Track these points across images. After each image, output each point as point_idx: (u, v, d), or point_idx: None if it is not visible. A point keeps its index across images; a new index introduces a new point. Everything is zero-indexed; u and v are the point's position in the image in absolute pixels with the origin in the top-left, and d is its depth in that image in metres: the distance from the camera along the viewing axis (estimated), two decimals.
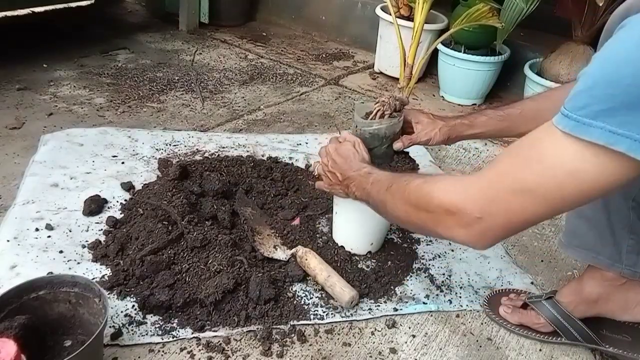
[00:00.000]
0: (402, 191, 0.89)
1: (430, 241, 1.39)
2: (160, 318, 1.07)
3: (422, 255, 1.33)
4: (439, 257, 1.34)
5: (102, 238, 1.25)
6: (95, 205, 1.33)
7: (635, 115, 0.61)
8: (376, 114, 1.14)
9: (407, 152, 1.22)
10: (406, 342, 1.10)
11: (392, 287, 1.21)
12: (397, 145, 1.16)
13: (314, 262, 1.18)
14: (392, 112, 1.14)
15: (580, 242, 1.05)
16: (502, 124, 1.15)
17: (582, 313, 1.09)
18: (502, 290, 1.24)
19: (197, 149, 1.66)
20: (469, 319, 1.18)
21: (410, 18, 2.25)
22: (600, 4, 1.77)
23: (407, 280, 1.25)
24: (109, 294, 1.10)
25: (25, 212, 1.30)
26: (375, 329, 1.12)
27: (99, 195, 1.37)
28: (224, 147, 1.69)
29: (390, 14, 2.27)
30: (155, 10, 2.96)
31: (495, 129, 1.17)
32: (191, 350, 1.02)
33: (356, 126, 1.15)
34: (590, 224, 1.02)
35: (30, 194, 1.37)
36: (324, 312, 1.13)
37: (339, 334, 1.10)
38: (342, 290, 1.13)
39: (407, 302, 1.18)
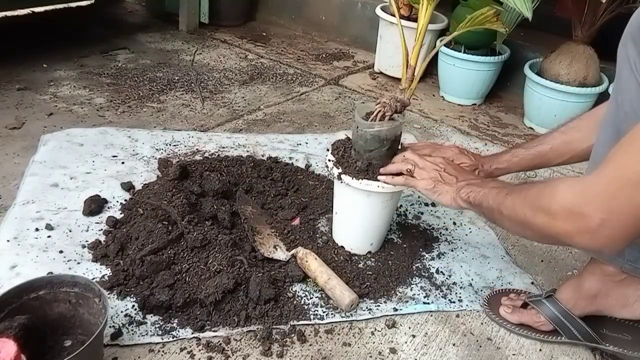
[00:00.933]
0: (523, 195, 0.88)
1: (429, 240, 1.39)
2: (160, 318, 1.07)
3: (422, 255, 1.33)
4: (439, 257, 1.34)
5: (102, 238, 1.25)
6: (95, 205, 1.33)
7: None
8: (377, 115, 1.14)
9: (406, 148, 1.22)
10: (406, 342, 1.10)
11: (392, 287, 1.21)
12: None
13: (314, 265, 1.18)
14: (392, 113, 1.14)
15: None
16: (534, 162, 1.19)
17: (581, 309, 1.09)
18: (502, 290, 1.24)
19: (197, 149, 1.66)
20: (469, 319, 1.18)
21: (410, 18, 2.25)
22: (603, 1, 1.77)
23: (407, 280, 1.24)
24: (109, 294, 1.10)
25: (25, 212, 1.30)
26: (375, 329, 1.12)
27: (99, 195, 1.37)
28: (224, 147, 1.69)
29: (390, 14, 2.28)
30: (155, 10, 2.96)
31: (529, 167, 1.21)
32: (191, 350, 1.02)
33: (357, 127, 1.15)
34: None
35: (30, 194, 1.37)
36: (324, 312, 1.13)
37: (339, 334, 1.10)
38: (342, 293, 1.13)
39: (407, 302, 1.18)
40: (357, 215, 1.23)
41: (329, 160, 1.21)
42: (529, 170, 1.24)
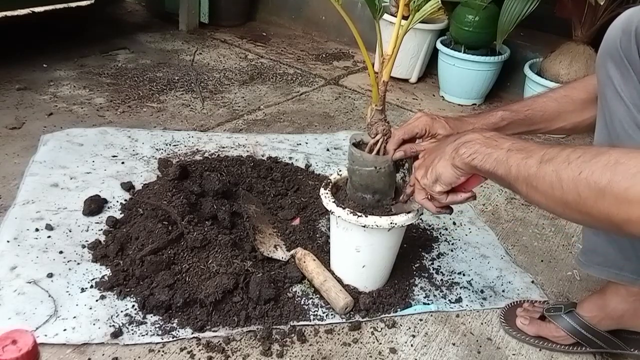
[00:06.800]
0: (577, 168, 0.67)
1: (429, 240, 1.39)
2: (160, 318, 1.07)
3: (422, 255, 1.33)
4: (439, 257, 1.34)
5: (102, 238, 1.25)
6: (95, 205, 1.33)
7: None
8: (379, 147, 1.07)
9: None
10: (406, 342, 1.10)
11: (392, 287, 1.21)
12: (397, 155, 1.06)
13: (311, 266, 1.18)
14: (387, 140, 1.07)
15: (601, 259, 1.01)
16: (522, 128, 1.09)
17: (606, 327, 1.06)
18: (516, 302, 1.21)
19: (197, 149, 1.66)
20: (469, 319, 1.17)
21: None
22: (602, 3, 1.77)
23: (407, 280, 1.24)
24: (109, 294, 1.10)
25: (25, 212, 1.30)
26: (375, 329, 1.12)
27: (99, 195, 1.37)
28: (224, 147, 1.69)
29: (390, 14, 2.28)
30: (155, 10, 2.96)
31: (516, 132, 1.09)
32: (191, 350, 1.02)
33: (353, 161, 1.09)
34: (610, 239, 0.98)
35: (30, 194, 1.37)
36: (323, 312, 1.13)
37: (338, 334, 1.10)
38: (337, 295, 1.12)
39: (407, 302, 1.18)
40: (354, 247, 1.15)
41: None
42: (512, 135, 1.08)
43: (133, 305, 1.08)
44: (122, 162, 1.56)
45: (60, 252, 1.20)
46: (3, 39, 2.35)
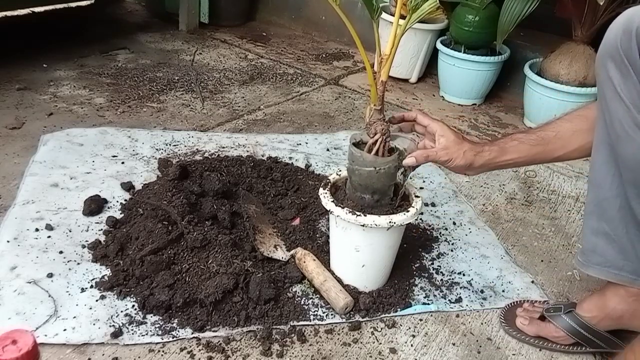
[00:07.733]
0: None
1: (429, 240, 1.39)
2: (160, 318, 1.07)
3: (422, 255, 1.33)
4: (439, 257, 1.34)
5: (102, 238, 1.25)
6: (95, 205, 1.33)
7: None
8: (378, 147, 1.07)
9: (408, 196, 1.15)
10: (406, 342, 1.10)
11: (392, 287, 1.21)
12: (408, 161, 1.06)
13: (311, 266, 1.18)
14: (388, 138, 1.08)
15: (601, 259, 1.01)
16: (536, 149, 1.06)
17: (606, 327, 1.06)
18: (516, 302, 1.21)
19: (197, 149, 1.66)
20: (469, 319, 1.18)
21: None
22: (601, 3, 1.77)
23: (407, 280, 1.24)
24: (109, 294, 1.10)
25: (25, 212, 1.30)
26: (375, 329, 1.12)
27: (99, 195, 1.37)
28: (224, 147, 1.69)
29: (390, 14, 2.28)
30: (155, 10, 2.96)
31: (529, 155, 1.06)
32: (191, 350, 1.02)
33: (353, 161, 1.09)
34: (609, 239, 0.99)
35: (30, 194, 1.37)
36: (323, 312, 1.13)
37: (338, 334, 1.10)
38: (337, 295, 1.12)
39: (407, 302, 1.18)
40: (353, 246, 1.15)
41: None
42: (527, 160, 1.09)
43: (133, 305, 1.08)
44: (122, 162, 1.56)
45: (60, 252, 1.20)
46: (3, 39, 2.36)
